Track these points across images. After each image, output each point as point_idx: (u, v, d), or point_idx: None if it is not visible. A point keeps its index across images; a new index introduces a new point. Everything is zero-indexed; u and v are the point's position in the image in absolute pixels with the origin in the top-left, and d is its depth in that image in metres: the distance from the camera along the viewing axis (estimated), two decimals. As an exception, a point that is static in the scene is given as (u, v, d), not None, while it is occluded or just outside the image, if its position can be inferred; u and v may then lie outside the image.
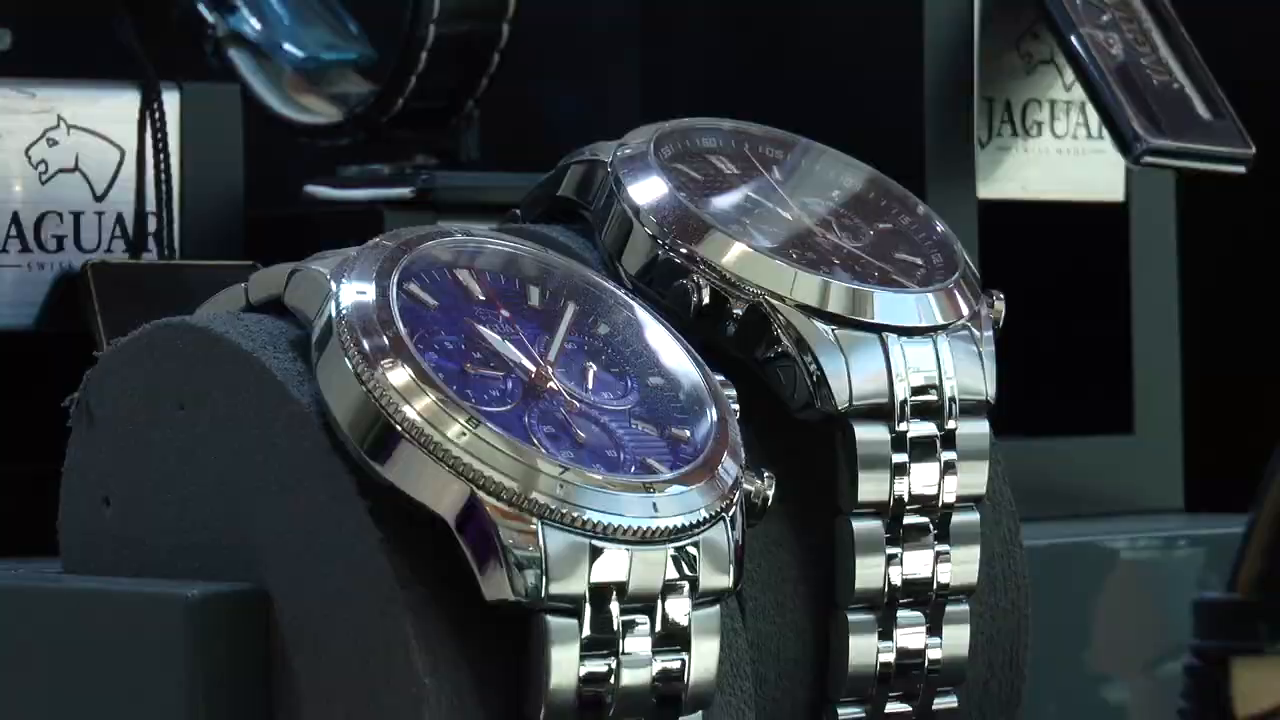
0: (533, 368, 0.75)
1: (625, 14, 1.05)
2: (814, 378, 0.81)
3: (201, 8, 1.01)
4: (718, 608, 0.74)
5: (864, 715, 0.83)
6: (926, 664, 0.83)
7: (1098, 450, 0.99)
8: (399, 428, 0.71)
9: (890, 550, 0.82)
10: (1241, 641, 0.65)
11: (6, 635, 0.80)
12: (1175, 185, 1.00)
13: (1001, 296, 0.85)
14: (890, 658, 0.82)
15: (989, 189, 0.97)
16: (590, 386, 0.76)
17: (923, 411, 0.82)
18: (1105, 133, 0.95)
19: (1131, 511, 0.99)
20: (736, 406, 0.77)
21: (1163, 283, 1.01)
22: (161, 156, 0.91)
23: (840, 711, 0.82)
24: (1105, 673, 0.93)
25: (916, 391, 0.82)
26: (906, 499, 0.82)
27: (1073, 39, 0.95)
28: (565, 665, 0.71)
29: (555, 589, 0.71)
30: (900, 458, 0.82)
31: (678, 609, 0.73)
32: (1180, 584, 0.93)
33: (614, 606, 0.71)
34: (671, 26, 1.03)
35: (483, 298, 0.77)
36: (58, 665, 0.78)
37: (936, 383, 0.82)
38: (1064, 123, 0.99)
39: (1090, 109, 0.97)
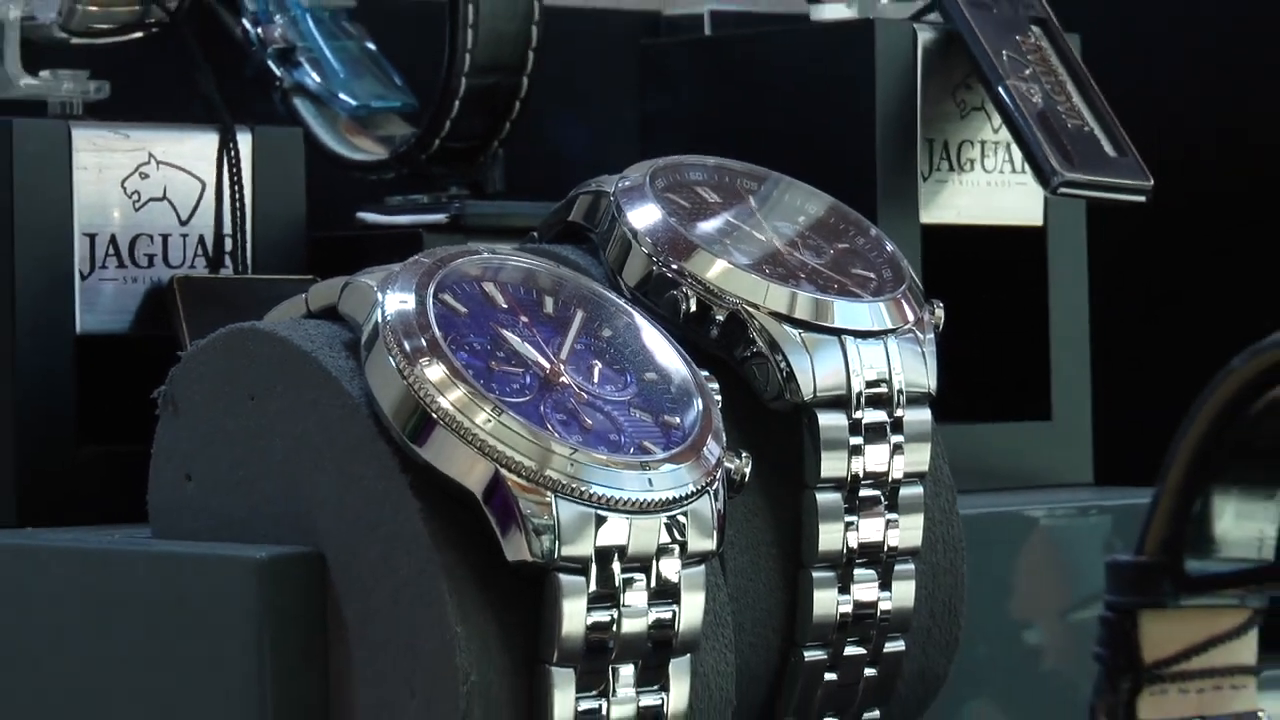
0: (547, 365, 0.75)
1: (625, 70, 1.05)
2: (784, 373, 0.81)
3: (270, 63, 1.00)
4: (703, 567, 0.74)
5: (826, 657, 0.82)
6: (879, 614, 0.83)
7: (1021, 434, 0.99)
8: (435, 416, 0.71)
9: (848, 518, 0.82)
10: (1148, 597, 0.65)
11: (104, 590, 0.80)
12: (1085, 212, 0.99)
13: (941, 305, 0.85)
14: (848, 609, 0.82)
15: (929, 215, 0.97)
16: (596, 381, 0.76)
17: (875, 402, 0.82)
18: (1027, 168, 0.95)
19: (1049, 486, 0.99)
20: (719, 398, 0.77)
21: (1075, 293, 1.00)
22: (236, 188, 0.91)
23: (806, 654, 0.82)
24: (1028, 621, 0.93)
25: (870, 385, 0.82)
26: (861, 475, 0.82)
27: (1000, 89, 0.95)
28: (575, 616, 0.71)
29: (566, 551, 0.71)
30: (856, 440, 0.82)
31: (669, 568, 0.73)
32: (1090, 547, 0.94)
33: (616, 566, 0.72)
34: (664, 79, 1.02)
35: (505, 306, 0.76)
36: (148, 616, 0.78)
37: (886, 377, 0.82)
38: (992, 160, 0.98)
39: (1014, 148, 0.97)
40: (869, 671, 0.84)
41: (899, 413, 0.83)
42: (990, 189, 0.98)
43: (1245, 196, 1.12)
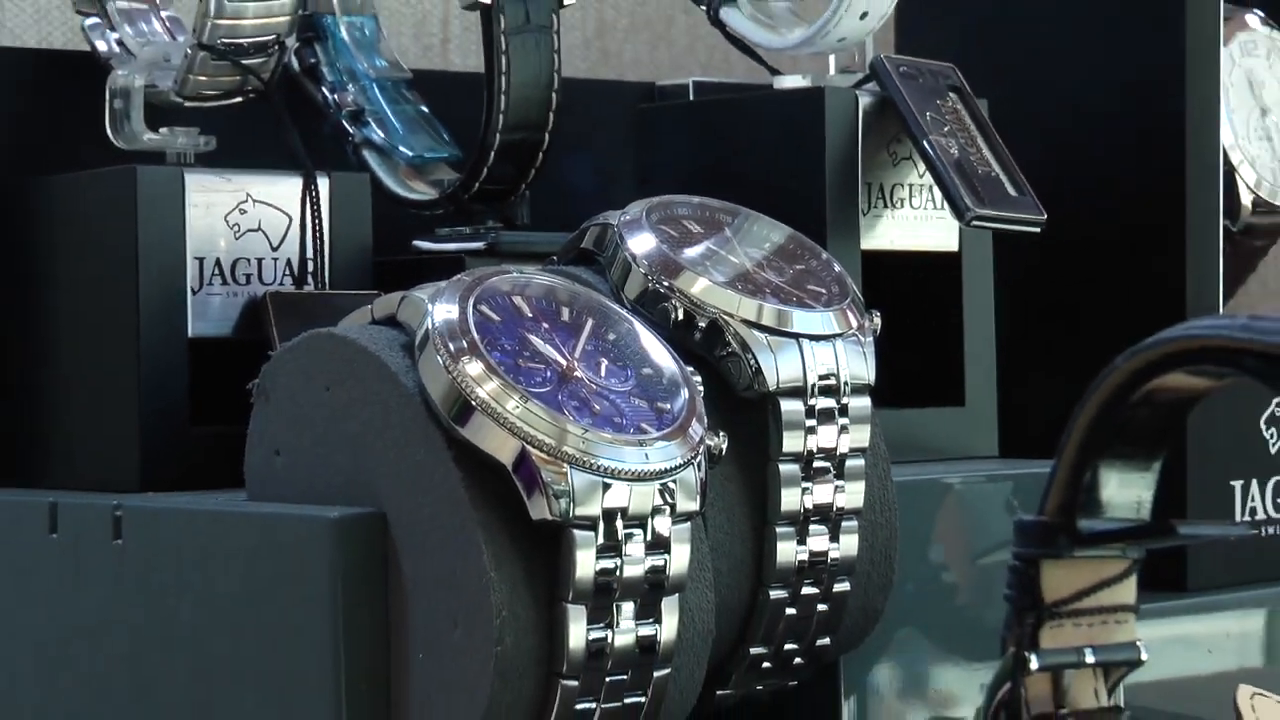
0: (564, 362, 0.74)
1: (626, 128, 1.04)
2: (753, 369, 0.80)
3: (344, 123, 0.99)
4: (689, 524, 0.73)
5: (787, 596, 0.81)
6: (829, 561, 0.82)
7: (941, 417, 0.98)
8: (474, 403, 0.71)
9: (804, 485, 0.81)
10: (1048, 549, 0.64)
11: (209, 543, 0.79)
12: (992, 240, 0.98)
13: (878, 314, 0.84)
14: (805, 557, 0.81)
15: (868, 243, 0.96)
16: (602, 375, 0.74)
17: (826, 391, 0.81)
18: (945, 205, 0.94)
19: (963, 458, 0.98)
20: (701, 388, 0.76)
21: (983, 305, 1.00)
22: (316, 221, 0.90)
23: (771, 593, 0.81)
24: (947, 566, 0.92)
25: (822, 378, 0.81)
26: (815, 450, 0.81)
27: (924, 143, 0.94)
28: (586, 563, 0.70)
29: (579, 511, 0.70)
30: (811, 423, 0.81)
31: (662, 525, 0.72)
32: (996, 507, 0.93)
33: (619, 523, 0.71)
34: (657, 136, 1.02)
35: (530, 315, 0.75)
36: (243, 564, 0.77)
37: (835, 372, 0.81)
38: (918, 199, 0.97)
39: (935, 189, 0.96)
40: (821, 607, 0.82)
41: (845, 400, 0.82)
42: (916, 222, 0.97)
43: (1116, 230, 1.11)
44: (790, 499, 0.81)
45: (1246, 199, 1.20)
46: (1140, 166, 1.10)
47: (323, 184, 0.91)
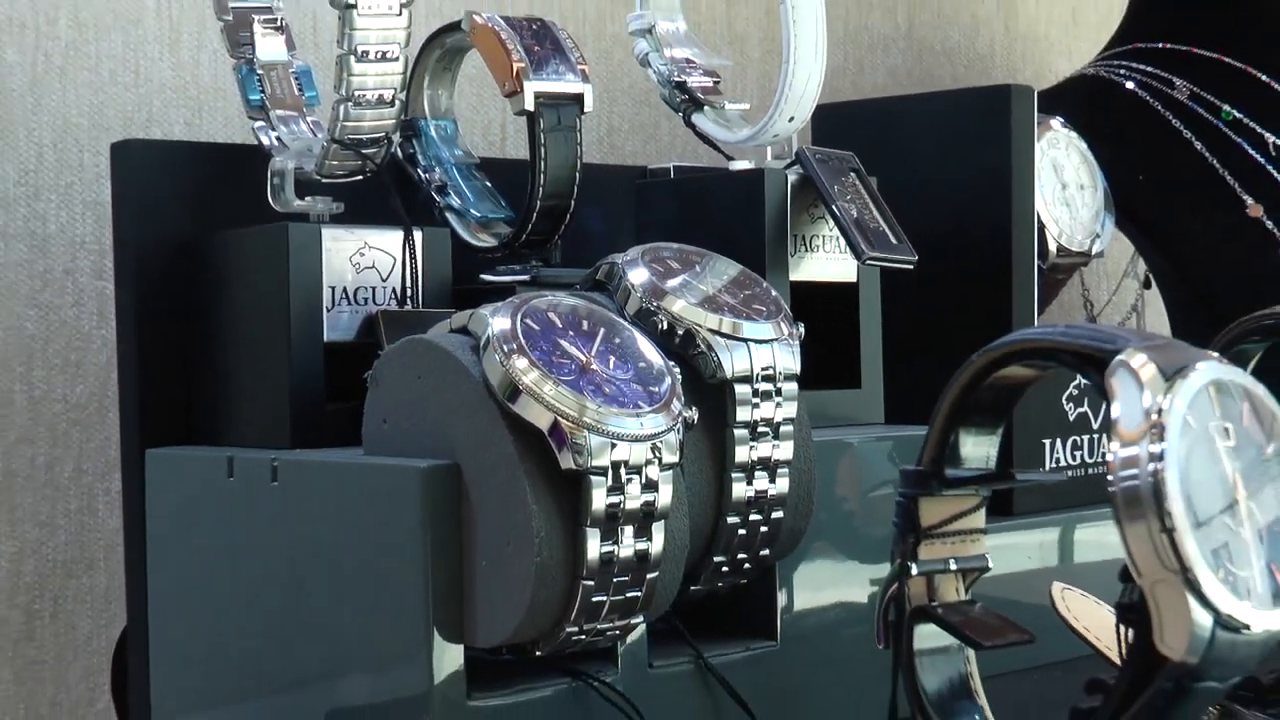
0: (584, 359, 0.72)
1: (628, 197, 1.02)
2: (716, 364, 0.78)
3: (433, 193, 0.97)
4: (672, 472, 0.71)
5: (739, 521, 0.79)
6: (768, 497, 0.79)
7: (845, 396, 0.96)
8: (521, 387, 0.69)
9: (751, 444, 0.79)
10: (923, 490, 0.62)
11: (337, 486, 0.77)
12: (880, 273, 0.96)
13: (802, 325, 0.82)
14: (751, 494, 0.79)
15: (795, 276, 0.94)
16: (611, 368, 0.72)
17: (766, 379, 0.79)
18: (847, 250, 0.92)
19: (860, 425, 0.95)
20: (680, 377, 0.74)
21: (874, 318, 0.97)
22: (412, 262, 0.88)
23: (728, 520, 0.79)
24: (847, 499, 0.89)
25: (763, 369, 0.79)
26: (759, 420, 0.79)
27: (833, 207, 0.92)
28: (599, 499, 0.69)
29: (594, 463, 0.68)
30: (756, 401, 0.79)
31: (653, 472, 0.70)
32: (882, 459, 0.90)
33: (622, 471, 0.69)
34: (649, 203, 0.99)
35: (560, 325, 0.73)
36: (361, 501, 0.75)
37: (773, 365, 0.79)
38: (829, 245, 0.96)
39: (841, 239, 0.94)
40: (763, 529, 0.80)
41: (779, 385, 0.79)
42: (827, 261, 0.95)
43: (965, 267, 1.09)
44: (741, 454, 0.78)
45: (1052, 246, 1.20)
46: (981, 224, 1.08)
47: (417, 236, 0.88)
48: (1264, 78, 1.28)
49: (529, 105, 0.87)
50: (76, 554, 1.06)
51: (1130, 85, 1.29)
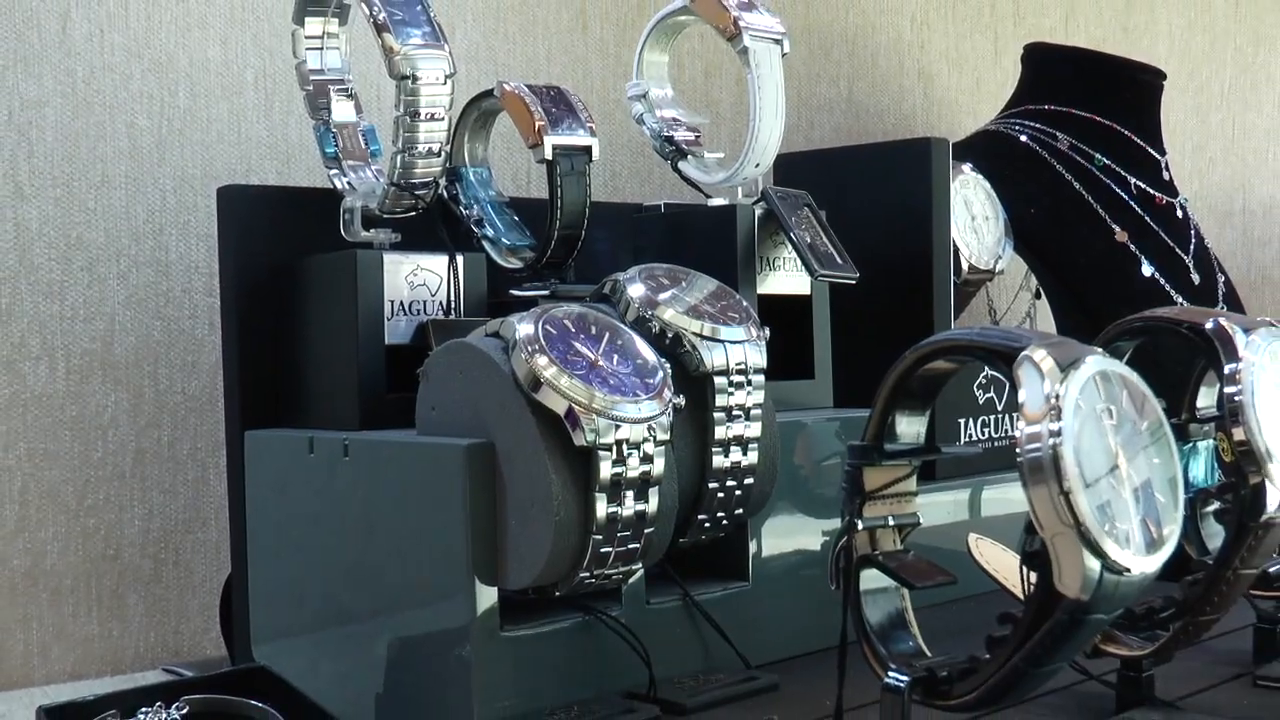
0: (593, 357, 0.70)
1: (627, 227, 0.99)
2: (699, 360, 0.76)
3: (471, 226, 0.95)
4: (664, 448, 0.69)
5: (718, 486, 0.77)
6: (742, 466, 0.77)
7: (801, 386, 0.94)
8: (542, 380, 0.67)
9: (729, 425, 0.76)
10: (867, 460, 0.60)
11: (394, 461, 0.74)
12: (829, 288, 0.93)
13: (767, 329, 0.80)
14: (729, 464, 0.77)
15: (761, 290, 0.91)
16: (614, 364, 0.70)
17: (740, 372, 0.77)
18: (803, 269, 0.89)
19: (813, 408, 0.93)
20: (670, 371, 0.72)
21: (824, 323, 0.95)
22: (455, 281, 0.87)
23: (709, 485, 0.77)
24: (803, 468, 0.87)
25: (737, 364, 0.76)
26: (734, 405, 0.76)
27: (791, 234, 0.90)
28: (605, 469, 0.67)
29: (602, 441, 0.66)
30: (732, 390, 0.76)
31: (649, 448, 0.68)
32: (831, 437, 0.88)
33: (624, 448, 0.67)
34: (644, 232, 0.97)
35: (574, 330, 0.71)
36: (412, 473, 0.73)
37: (745, 361, 0.77)
38: (789, 264, 0.94)
39: (798, 260, 0.91)
40: (738, 493, 0.78)
41: (750, 378, 0.77)
42: (787, 277, 0.93)
43: (895, 282, 1.06)
44: (720, 433, 0.76)
45: (964, 265, 1.18)
46: (908, 248, 1.06)
47: (459, 260, 0.86)
48: (1126, 132, 1.28)
49: (548, 155, 0.86)
50: (193, 515, 1.05)
51: (1024, 138, 1.28)
